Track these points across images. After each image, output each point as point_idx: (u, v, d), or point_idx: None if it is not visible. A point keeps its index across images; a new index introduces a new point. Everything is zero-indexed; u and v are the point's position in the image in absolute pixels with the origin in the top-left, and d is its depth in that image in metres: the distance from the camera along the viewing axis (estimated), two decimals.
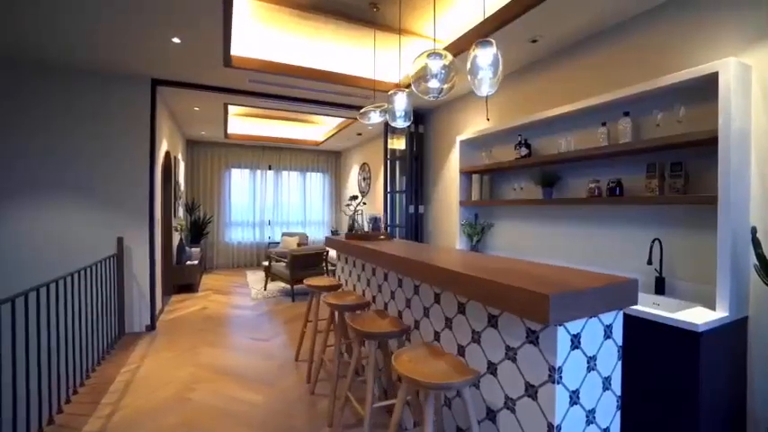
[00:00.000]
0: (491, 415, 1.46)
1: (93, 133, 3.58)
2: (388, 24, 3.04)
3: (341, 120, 6.08)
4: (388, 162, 5.23)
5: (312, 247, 5.31)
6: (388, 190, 5.20)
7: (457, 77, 1.96)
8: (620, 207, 2.52)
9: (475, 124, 4.01)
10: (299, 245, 7.29)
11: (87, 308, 2.78)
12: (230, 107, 5.04)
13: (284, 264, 5.28)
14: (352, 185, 8.00)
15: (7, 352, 1.80)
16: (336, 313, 2.35)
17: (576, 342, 1.24)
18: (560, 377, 1.20)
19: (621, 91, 2.32)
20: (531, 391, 1.28)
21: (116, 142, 3.64)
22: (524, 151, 3.16)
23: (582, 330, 1.25)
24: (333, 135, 6.82)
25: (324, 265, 5.50)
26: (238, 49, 3.33)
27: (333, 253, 5.92)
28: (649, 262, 2.17)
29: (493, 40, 1.67)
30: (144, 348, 3.34)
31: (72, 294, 2.51)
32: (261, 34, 3.22)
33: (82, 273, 2.71)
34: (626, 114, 2.40)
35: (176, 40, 2.93)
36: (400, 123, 2.47)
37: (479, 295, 1.36)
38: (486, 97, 1.83)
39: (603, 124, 2.55)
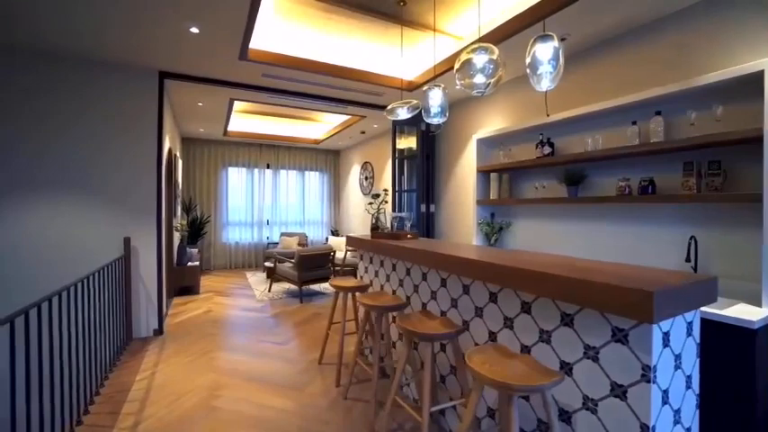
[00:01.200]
0: (565, 416, 1.43)
1: (98, 128, 3.38)
2: (415, 20, 2.99)
3: (344, 118, 5.99)
4: (397, 161, 5.17)
5: (320, 247, 5.20)
6: (397, 189, 5.15)
7: (503, 72, 1.93)
8: (650, 205, 2.53)
9: (489, 123, 4.00)
10: (299, 245, 7.16)
11: (97, 312, 2.61)
12: (234, 103, 4.88)
13: (291, 264, 5.15)
14: (352, 185, 7.90)
15: (27, 364, 1.66)
16: (374, 315, 2.28)
17: (666, 340, 1.21)
18: (655, 376, 1.17)
19: (654, 90, 2.34)
20: (619, 390, 1.24)
21: (121, 138, 3.45)
22: (547, 150, 3.16)
23: (671, 328, 1.23)
24: (335, 133, 6.71)
25: (330, 265, 5.40)
26: (253, 41, 3.21)
27: (338, 254, 5.82)
28: (687, 259, 2.19)
29: (553, 34, 1.64)
30: (156, 354, 3.18)
31: (85, 299, 2.35)
32: (276, 27, 3.12)
33: (96, 275, 2.55)
34: (658, 113, 2.42)
35: (194, 29, 2.79)
36: (436, 120, 2.42)
37: (560, 294, 1.31)
38: (546, 92, 1.79)
39: (634, 123, 2.56)
